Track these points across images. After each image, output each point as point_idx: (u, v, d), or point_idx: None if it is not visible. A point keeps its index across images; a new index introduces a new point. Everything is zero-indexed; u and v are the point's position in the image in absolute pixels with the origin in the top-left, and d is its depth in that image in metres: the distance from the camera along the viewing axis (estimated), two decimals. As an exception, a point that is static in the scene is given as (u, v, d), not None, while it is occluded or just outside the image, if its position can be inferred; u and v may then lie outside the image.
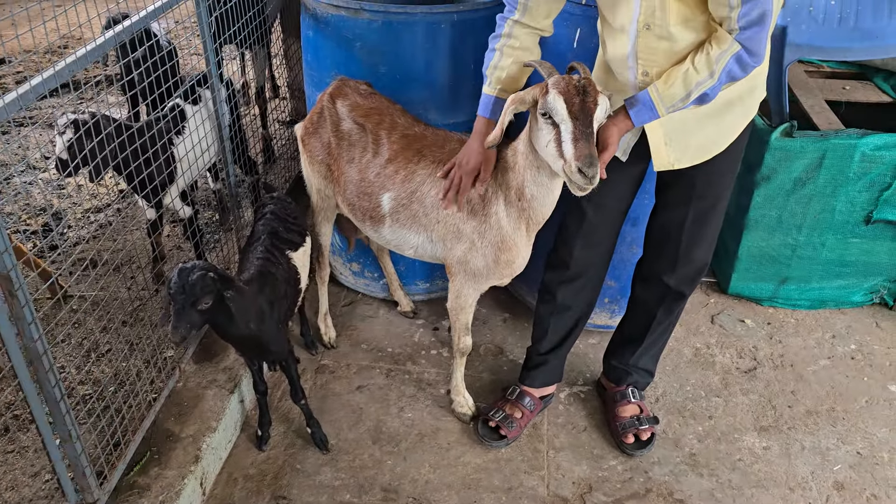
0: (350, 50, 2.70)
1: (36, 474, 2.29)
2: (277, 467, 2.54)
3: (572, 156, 1.88)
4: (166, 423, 2.44)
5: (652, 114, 1.99)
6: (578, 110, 1.89)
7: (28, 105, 1.66)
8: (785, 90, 2.96)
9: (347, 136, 2.58)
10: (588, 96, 1.90)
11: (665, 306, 2.54)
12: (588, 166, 1.85)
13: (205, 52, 2.66)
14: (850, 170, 2.97)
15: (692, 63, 1.89)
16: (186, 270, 1.96)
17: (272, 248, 2.44)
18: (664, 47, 1.94)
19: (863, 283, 3.32)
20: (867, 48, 2.84)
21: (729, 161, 2.23)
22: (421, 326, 3.24)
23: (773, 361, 3.09)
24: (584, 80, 1.92)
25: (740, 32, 1.81)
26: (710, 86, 1.89)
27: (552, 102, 1.91)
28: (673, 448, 2.67)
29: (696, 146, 2.15)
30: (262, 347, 2.34)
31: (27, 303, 1.72)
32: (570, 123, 1.89)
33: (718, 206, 2.33)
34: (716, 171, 2.24)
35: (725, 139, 2.16)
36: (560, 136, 1.92)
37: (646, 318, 2.60)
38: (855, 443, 2.71)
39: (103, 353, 2.78)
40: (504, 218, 2.30)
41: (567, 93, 1.90)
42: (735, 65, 1.85)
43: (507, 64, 2.18)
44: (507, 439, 2.65)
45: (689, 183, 2.27)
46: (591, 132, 1.89)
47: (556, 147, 1.93)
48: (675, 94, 1.92)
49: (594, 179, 1.87)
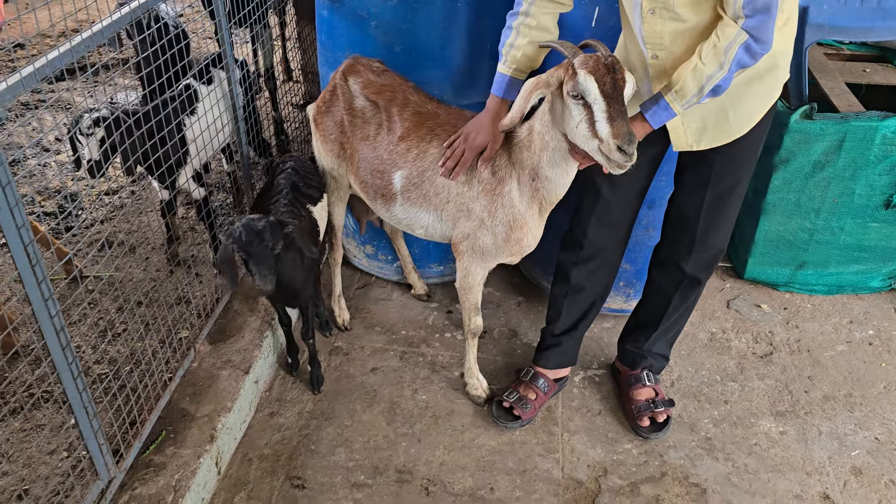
0: (365, 29, 2.67)
1: (52, 452, 2.31)
2: (292, 448, 2.55)
3: (609, 134, 1.85)
4: (181, 402, 2.45)
5: (668, 113, 1.97)
6: (611, 88, 1.86)
7: (39, 85, 1.65)
8: (805, 72, 2.92)
9: (360, 114, 2.57)
10: (617, 73, 1.88)
11: (681, 292, 2.52)
12: (628, 143, 1.83)
13: (219, 31, 2.65)
14: (871, 153, 2.92)
15: (700, 57, 1.86)
16: (253, 223, 2.14)
17: (294, 202, 2.54)
18: (671, 28, 1.91)
19: (881, 269, 3.29)
20: (890, 27, 2.79)
21: (750, 145, 2.19)
22: (435, 309, 3.23)
23: (789, 346, 3.07)
24: (609, 57, 1.89)
25: (746, 20, 1.77)
26: (722, 77, 1.86)
27: (584, 83, 1.88)
28: (688, 432, 2.66)
29: (714, 127, 2.11)
30: (294, 290, 2.46)
31: (44, 279, 1.71)
32: (604, 102, 1.87)
33: (737, 191, 2.30)
34: (736, 155, 2.21)
35: (747, 122, 2.12)
36: (593, 116, 1.89)
37: (662, 304, 2.58)
38: (873, 428, 2.69)
39: (119, 332, 2.79)
40: (517, 197, 2.28)
41: (597, 72, 1.87)
42: (744, 54, 1.82)
43: (522, 43, 2.15)
44: (521, 420, 2.64)
45: (708, 166, 2.24)
46: (625, 109, 1.87)
47: (588, 127, 1.90)
48: (688, 90, 1.90)
49: (633, 156, 1.85)
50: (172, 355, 2.52)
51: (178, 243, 3.18)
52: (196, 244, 3.30)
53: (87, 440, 1.98)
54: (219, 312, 2.79)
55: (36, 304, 1.71)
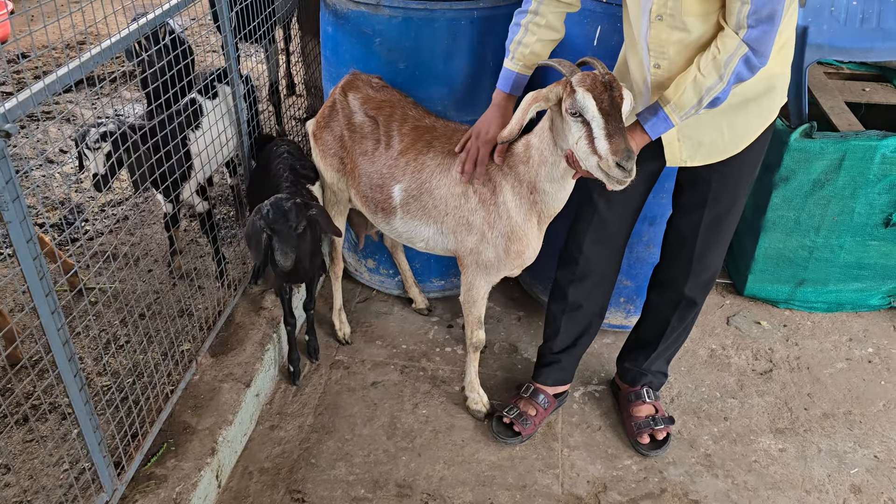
0: (369, 46, 2.70)
1: (55, 464, 2.31)
2: (292, 461, 2.55)
3: (608, 151, 1.87)
4: (183, 415, 2.46)
5: (666, 124, 1.98)
6: (608, 105, 1.89)
7: (49, 99, 1.68)
8: (805, 91, 2.95)
9: (360, 129, 2.60)
10: (614, 90, 1.90)
11: (679, 313, 2.54)
12: (626, 160, 1.85)
13: (225, 47, 2.68)
14: (870, 172, 2.95)
15: (699, 69, 1.87)
16: (280, 202, 2.33)
17: (296, 182, 2.66)
18: (676, 38, 1.92)
19: (881, 287, 3.30)
20: (889, 48, 2.82)
21: (746, 165, 2.21)
22: (435, 324, 3.25)
23: (789, 364, 3.08)
24: (607, 74, 1.92)
25: (748, 31, 1.78)
26: (721, 90, 1.88)
27: (582, 101, 1.91)
28: (688, 449, 2.66)
29: (709, 144, 2.13)
30: (306, 268, 2.57)
31: (50, 292, 1.73)
32: (602, 120, 1.89)
33: (734, 211, 2.32)
34: (732, 175, 2.23)
35: (741, 141, 2.13)
36: (592, 133, 1.91)
37: (660, 325, 2.60)
38: (872, 446, 2.69)
39: (121, 345, 2.80)
40: (514, 209, 2.30)
41: (595, 89, 1.90)
42: (743, 67, 1.84)
43: (531, 41, 2.19)
44: (521, 436, 2.64)
45: (706, 186, 2.26)
46: (623, 126, 1.89)
47: (587, 144, 1.93)
48: (687, 101, 1.91)
49: (632, 172, 1.87)
50: (174, 368, 2.53)
51: (181, 255, 3.19)
52: (199, 257, 3.32)
53: (92, 452, 1.99)
54: (221, 325, 2.80)
55: (43, 316, 1.72)
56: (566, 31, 2.25)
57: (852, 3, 2.80)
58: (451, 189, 2.40)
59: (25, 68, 4.60)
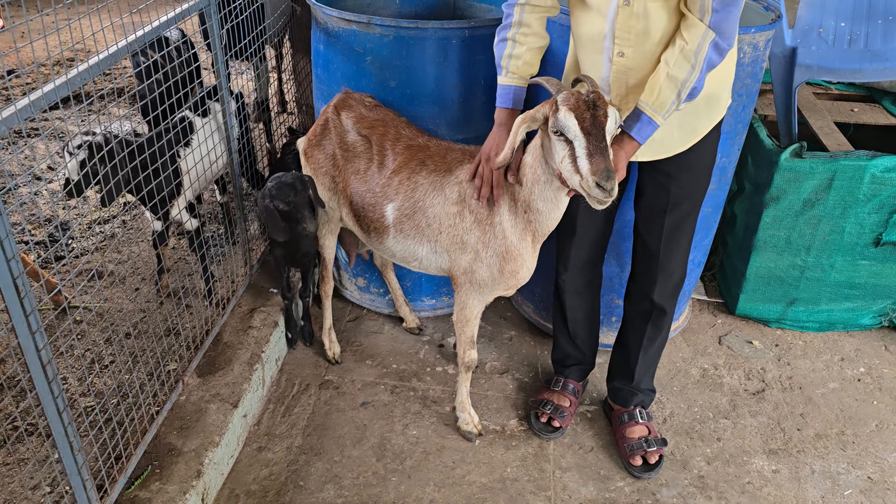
0: (360, 64, 2.70)
1: (35, 487, 2.26)
2: (280, 484, 2.51)
3: (588, 171, 1.87)
4: (168, 436, 2.41)
5: (652, 126, 2.02)
6: (590, 125, 1.88)
7: (34, 115, 1.65)
8: (794, 111, 2.96)
9: (352, 148, 2.59)
10: (598, 109, 1.90)
11: (652, 322, 2.58)
12: (606, 180, 1.84)
13: (215, 64, 2.66)
14: (860, 191, 2.95)
15: (668, 65, 1.92)
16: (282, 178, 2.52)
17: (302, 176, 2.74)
18: (639, 27, 1.97)
19: (871, 306, 3.30)
20: (877, 69, 2.84)
21: (702, 170, 2.32)
22: (426, 343, 3.21)
23: (781, 384, 3.06)
24: (592, 93, 1.92)
25: (713, 15, 1.84)
26: (696, 78, 1.94)
27: (563, 120, 1.91)
28: (681, 470, 2.63)
29: (659, 140, 2.17)
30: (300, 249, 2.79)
31: (33, 311, 1.69)
32: (584, 139, 1.88)
33: (692, 216, 2.39)
34: (688, 180, 2.31)
35: (689, 138, 2.20)
36: (574, 152, 1.91)
37: (637, 337, 2.63)
38: (865, 467, 2.67)
39: (106, 364, 2.75)
40: (510, 228, 2.29)
41: (577, 108, 1.89)
42: (713, 52, 1.91)
43: (521, 52, 2.20)
44: (561, 429, 2.72)
45: (665, 192, 2.32)
46: (606, 146, 1.88)
47: (571, 163, 1.92)
48: (667, 98, 1.96)
49: (613, 192, 1.87)
50: (160, 388, 2.49)
51: (168, 273, 3.16)
52: (187, 275, 3.28)
53: (70, 475, 1.94)
54: (208, 345, 2.76)
55: (22, 338, 1.69)
56: (550, 44, 2.27)
57: (840, 24, 2.82)
58: (446, 208, 2.38)
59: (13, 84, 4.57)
